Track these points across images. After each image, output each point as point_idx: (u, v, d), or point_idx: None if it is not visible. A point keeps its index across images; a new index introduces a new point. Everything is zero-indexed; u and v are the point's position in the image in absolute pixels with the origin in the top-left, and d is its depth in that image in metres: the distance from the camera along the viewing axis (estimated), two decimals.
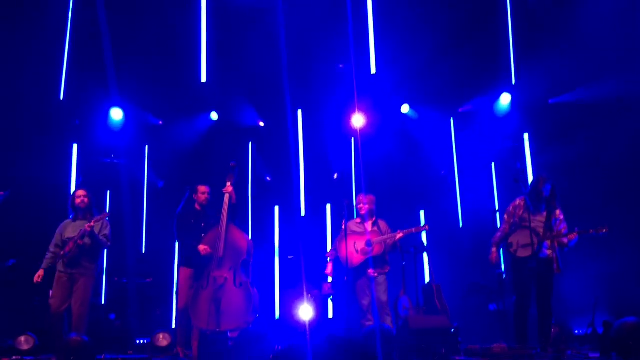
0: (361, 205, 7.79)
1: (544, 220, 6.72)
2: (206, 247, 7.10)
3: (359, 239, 7.61)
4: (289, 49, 9.99)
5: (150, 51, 9.72)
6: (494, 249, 7.01)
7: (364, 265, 7.53)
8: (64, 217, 7.31)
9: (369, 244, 7.55)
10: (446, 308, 7.83)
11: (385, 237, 7.58)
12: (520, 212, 6.83)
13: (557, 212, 6.78)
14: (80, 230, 6.90)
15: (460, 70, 9.77)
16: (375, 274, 7.50)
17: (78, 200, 7.11)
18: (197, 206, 7.68)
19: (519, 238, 6.77)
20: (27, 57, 9.11)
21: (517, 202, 6.96)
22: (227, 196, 7.25)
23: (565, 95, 9.65)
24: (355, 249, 7.57)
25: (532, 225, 6.64)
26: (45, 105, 9.62)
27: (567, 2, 9.43)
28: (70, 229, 7.09)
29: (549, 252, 6.64)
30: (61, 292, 6.92)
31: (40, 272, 6.97)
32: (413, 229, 7.50)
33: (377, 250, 7.51)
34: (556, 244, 6.63)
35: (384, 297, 7.51)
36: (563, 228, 6.70)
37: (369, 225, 7.72)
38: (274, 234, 10.62)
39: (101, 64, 9.64)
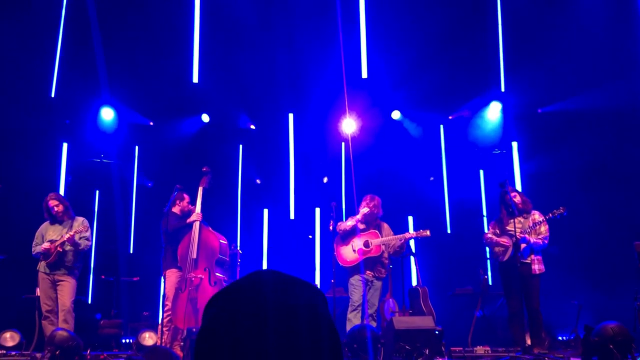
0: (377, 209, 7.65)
1: (520, 225, 6.89)
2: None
3: (357, 238, 7.51)
4: (281, 53, 10.06)
5: (143, 51, 9.73)
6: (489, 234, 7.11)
7: (360, 265, 7.41)
8: None
9: (367, 244, 7.48)
10: (432, 311, 7.85)
11: (386, 239, 7.52)
12: (501, 224, 7.10)
13: (536, 215, 6.97)
14: (61, 240, 7.10)
15: (450, 77, 9.85)
16: (371, 277, 7.45)
17: (53, 211, 7.34)
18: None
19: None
20: (19, 54, 9.11)
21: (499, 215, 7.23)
22: (196, 224, 7.24)
23: (554, 104, 9.74)
24: (352, 248, 7.51)
25: (509, 230, 6.83)
26: (36, 104, 9.62)
27: (558, 12, 9.53)
28: (51, 232, 7.33)
29: (529, 258, 6.77)
30: (48, 295, 7.17)
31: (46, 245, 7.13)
32: (415, 233, 7.58)
33: (375, 251, 7.44)
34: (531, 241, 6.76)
35: (376, 302, 7.48)
36: (544, 231, 6.85)
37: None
38: (262, 236, 10.62)
39: (93, 63, 9.66)
